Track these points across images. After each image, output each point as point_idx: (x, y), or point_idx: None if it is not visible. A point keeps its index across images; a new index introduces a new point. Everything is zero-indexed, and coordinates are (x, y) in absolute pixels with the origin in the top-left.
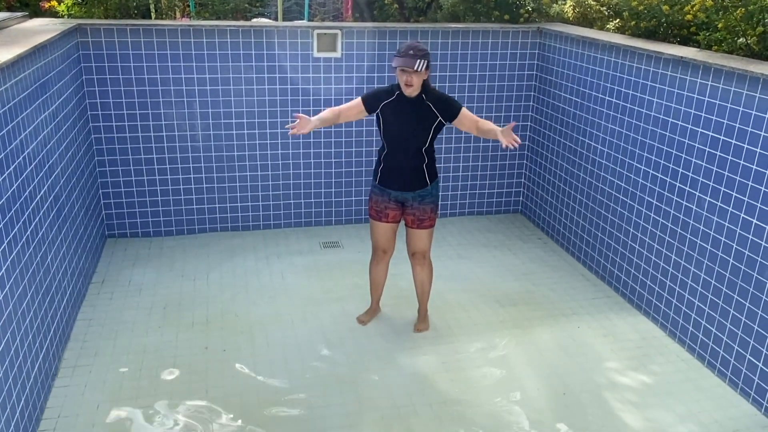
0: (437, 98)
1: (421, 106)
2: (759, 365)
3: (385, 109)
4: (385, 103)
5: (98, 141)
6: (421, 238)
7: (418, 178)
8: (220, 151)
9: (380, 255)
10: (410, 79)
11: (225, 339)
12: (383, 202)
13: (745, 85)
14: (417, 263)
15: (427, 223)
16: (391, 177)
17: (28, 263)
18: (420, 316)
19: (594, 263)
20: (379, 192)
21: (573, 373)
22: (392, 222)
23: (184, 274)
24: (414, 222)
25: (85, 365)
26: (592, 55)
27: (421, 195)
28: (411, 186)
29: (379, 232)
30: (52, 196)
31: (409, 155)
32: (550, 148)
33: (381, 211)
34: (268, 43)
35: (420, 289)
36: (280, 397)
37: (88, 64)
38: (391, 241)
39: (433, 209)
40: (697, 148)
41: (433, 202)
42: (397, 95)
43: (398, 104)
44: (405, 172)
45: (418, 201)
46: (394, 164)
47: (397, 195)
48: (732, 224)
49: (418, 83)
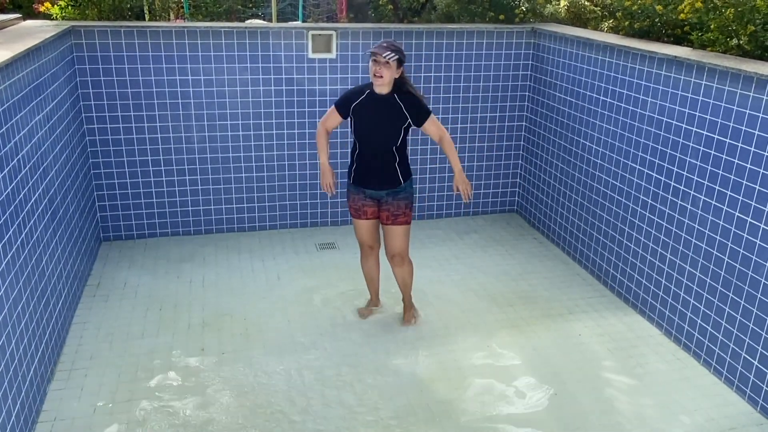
0: (409, 101)
1: (393, 105)
2: (754, 363)
3: (356, 109)
4: (356, 103)
5: (93, 143)
6: (398, 236)
7: (390, 177)
8: (215, 153)
9: (367, 251)
10: (379, 70)
11: (221, 341)
12: (360, 200)
13: (739, 84)
14: (396, 265)
15: (401, 219)
16: (364, 176)
17: (23, 266)
18: (405, 306)
19: (589, 262)
20: (354, 190)
21: (569, 372)
22: (372, 218)
23: (179, 276)
24: (389, 218)
25: (80, 368)
26: (587, 55)
27: (395, 191)
28: (384, 184)
29: (361, 230)
30: (47, 198)
31: (380, 154)
32: (544, 147)
33: (359, 209)
34: (262, 45)
35: (402, 284)
36: (276, 399)
37: (82, 66)
38: (375, 236)
39: (408, 205)
40: (691, 147)
41: (407, 198)
42: (368, 94)
43: (369, 103)
44: (378, 171)
45: (392, 197)
46: (366, 163)
47: (371, 193)
48: (726, 223)
49: (387, 78)
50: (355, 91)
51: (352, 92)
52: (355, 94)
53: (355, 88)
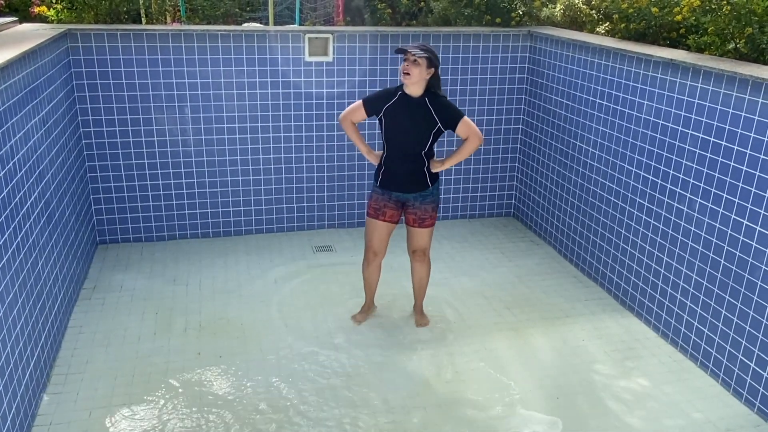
0: (440, 105)
1: (424, 109)
2: (751, 365)
3: (387, 111)
4: (388, 105)
5: (89, 146)
6: (423, 236)
7: (419, 180)
8: (211, 156)
9: (371, 257)
10: (407, 67)
11: (217, 344)
12: (383, 200)
13: (735, 87)
14: (417, 260)
15: (428, 222)
16: (393, 179)
17: (19, 270)
18: (418, 311)
19: (586, 265)
20: (380, 192)
21: (567, 375)
22: (389, 221)
23: (176, 280)
24: (415, 221)
25: (76, 373)
26: (583, 58)
27: (423, 195)
28: (412, 188)
29: (375, 232)
30: (43, 202)
31: (409, 158)
32: (541, 150)
33: (379, 209)
34: (259, 48)
35: (417, 285)
36: (274, 403)
37: (78, 70)
38: (384, 243)
39: (434, 208)
40: (687, 149)
41: (434, 201)
42: (400, 96)
43: (400, 106)
44: (406, 175)
45: (420, 201)
46: (394, 166)
47: (398, 196)
48: (723, 225)
49: (416, 76)
50: (389, 91)
51: (384, 93)
52: (387, 95)
53: (387, 88)
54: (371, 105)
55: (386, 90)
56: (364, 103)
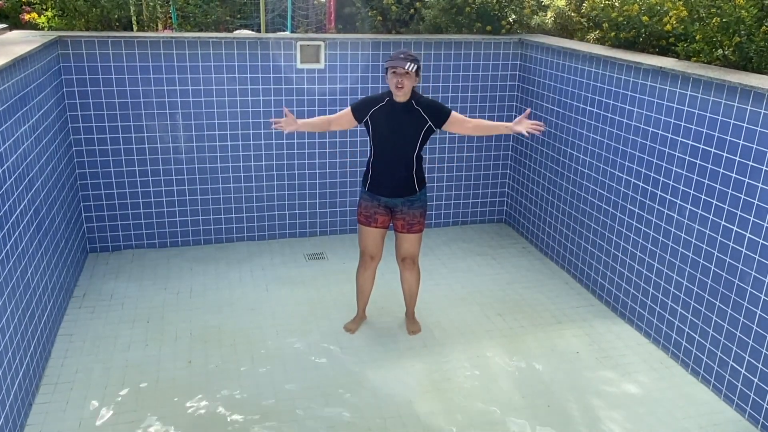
0: (427, 104)
1: (411, 111)
2: (742, 371)
3: (374, 116)
4: (375, 109)
5: (79, 154)
6: (411, 242)
7: (407, 185)
8: (203, 163)
9: (368, 261)
10: (401, 81)
11: (209, 353)
12: (372, 207)
13: (724, 95)
14: (406, 268)
15: (416, 228)
16: (381, 183)
17: (8, 278)
18: (409, 318)
19: (578, 271)
20: (368, 198)
21: (558, 381)
22: (381, 227)
23: (167, 288)
24: (404, 227)
25: (66, 381)
26: (573, 66)
27: (410, 200)
28: (400, 192)
29: (368, 238)
30: (32, 209)
31: (397, 162)
32: (532, 157)
33: (370, 216)
34: (251, 55)
35: (408, 293)
36: (265, 411)
37: (69, 77)
38: (379, 247)
39: (422, 214)
40: (677, 156)
41: (422, 207)
42: (387, 101)
43: (388, 110)
44: (394, 179)
45: (408, 206)
46: (383, 171)
47: (386, 201)
48: (713, 232)
49: (408, 87)
50: (375, 97)
51: (371, 98)
52: (374, 100)
53: (374, 94)
54: (359, 111)
55: (372, 96)
56: (352, 110)
